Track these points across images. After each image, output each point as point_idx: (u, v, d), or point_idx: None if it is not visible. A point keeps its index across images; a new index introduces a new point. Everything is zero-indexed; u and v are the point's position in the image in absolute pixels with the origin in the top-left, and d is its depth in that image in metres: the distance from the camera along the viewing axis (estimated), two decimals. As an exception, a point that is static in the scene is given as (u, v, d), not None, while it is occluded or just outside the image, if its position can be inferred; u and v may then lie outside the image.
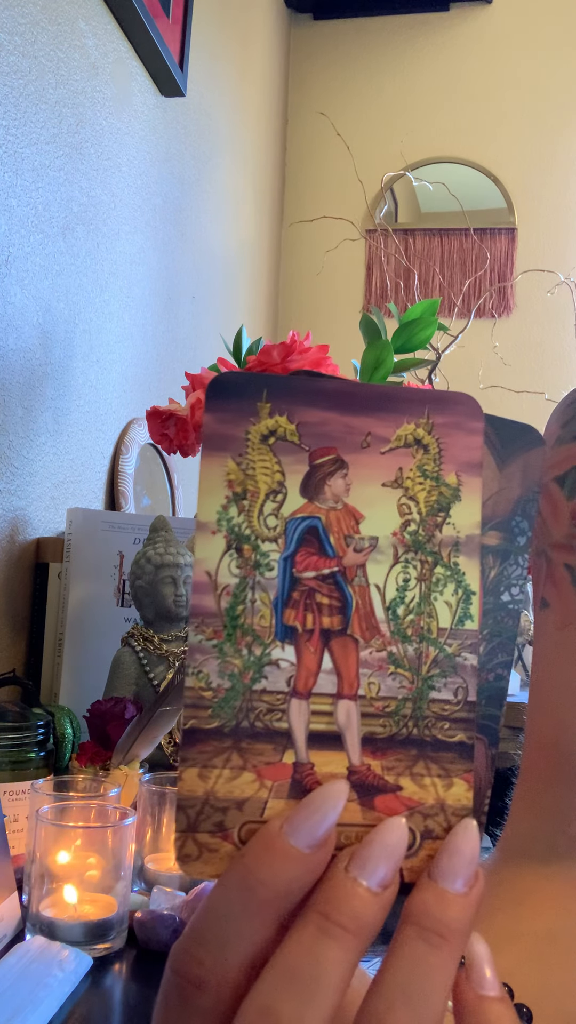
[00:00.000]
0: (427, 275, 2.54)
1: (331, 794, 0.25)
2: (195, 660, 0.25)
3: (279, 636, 0.26)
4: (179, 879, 0.74)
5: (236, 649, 0.26)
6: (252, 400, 0.26)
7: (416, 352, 1.24)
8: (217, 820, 0.25)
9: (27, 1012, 0.54)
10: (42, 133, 1.21)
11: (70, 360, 1.32)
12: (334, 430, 0.26)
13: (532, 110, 2.53)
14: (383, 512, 0.27)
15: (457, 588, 0.27)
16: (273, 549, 0.26)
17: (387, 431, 0.27)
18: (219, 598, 0.26)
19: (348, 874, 0.24)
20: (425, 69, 2.60)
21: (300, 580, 0.26)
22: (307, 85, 2.67)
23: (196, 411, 1.15)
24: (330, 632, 0.26)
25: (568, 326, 2.38)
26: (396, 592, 0.26)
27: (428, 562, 0.27)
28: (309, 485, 0.26)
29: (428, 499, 0.27)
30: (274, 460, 0.26)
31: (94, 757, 0.89)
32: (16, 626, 1.19)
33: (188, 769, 0.25)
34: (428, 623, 0.26)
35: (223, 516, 0.26)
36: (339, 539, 0.26)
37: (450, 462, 0.27)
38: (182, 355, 1.80)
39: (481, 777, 0.27)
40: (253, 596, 0.26)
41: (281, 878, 0.24)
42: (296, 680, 0.26)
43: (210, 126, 1.96)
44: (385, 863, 0.24)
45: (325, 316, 2.56)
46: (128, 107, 1.50)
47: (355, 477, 0.26)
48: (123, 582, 1.18)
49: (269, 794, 0.25)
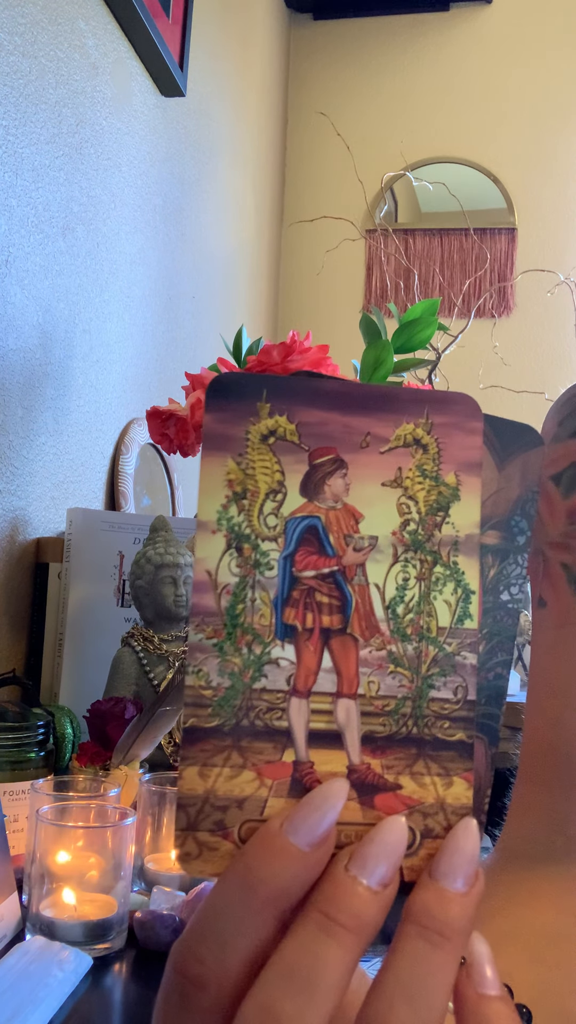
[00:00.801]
0: (427, 275, 2.54)
1: (331, 793, 0.25)
2: (195, 659, 0.25)
3: (279, 635, 0.26)
4: (179, 879, 0.74)
5: (236, 648, 0.26)
6: (252, 400, 0.26)
7: (416, 352, 1.24)
8: (217, 819, 0.25)
9: (27, 1012, 0.54)
10: (42, 133, 1.21)
11: (70, 360, 1.32)
12: (333, 430, 0.27)
13: (532, 110, 2.53)
14: (382, 511, 0.27)
15: (456, 587, 0.27)
16: (273, 548, 0.26)
17: (386, 431, 0.27)
18: (219, 597, 0.26)
19: (348, 872, 0.24)
20: (425, 69, 2.60)
21: (300, 579, 0.26)
22: (307, 85, 2.67)
23: (196, 411, 1.15)
24: (330, 631, 0.26)
25: (568, 326, 2.38)
26: (396, 591, 0.27)
27: (427, 561, 0.27)
28: (309, 485, 0.26)
29: (427, 498, 0.27)
30: (274, 460, 0.26)
31: (94, 757, 0.89)
32: (16, 626, 1.19)
33: (188, 768, 0.25)
34: (428, 622, 0.27)
35: (223, 515, 0.26)
36: (339, 538, 0.26)
37: (449, 462, 0.27)
38: (182, 355, 1.80)
39: (481, 776, 0.27)
40: (253, 595, 0.26)
41: (281, 876, 0.24)
42: (296, 679, 0.26)
43: (210, 126, 1.96)
44: (385, 862, 0.24)
45: (325, 316, 2.56)
46: (128, 107, 1.50)
47: (354, 477, 0.27)
48: (123, 582, 1.18)
49: (269, 793, 0.25)
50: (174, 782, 0.79)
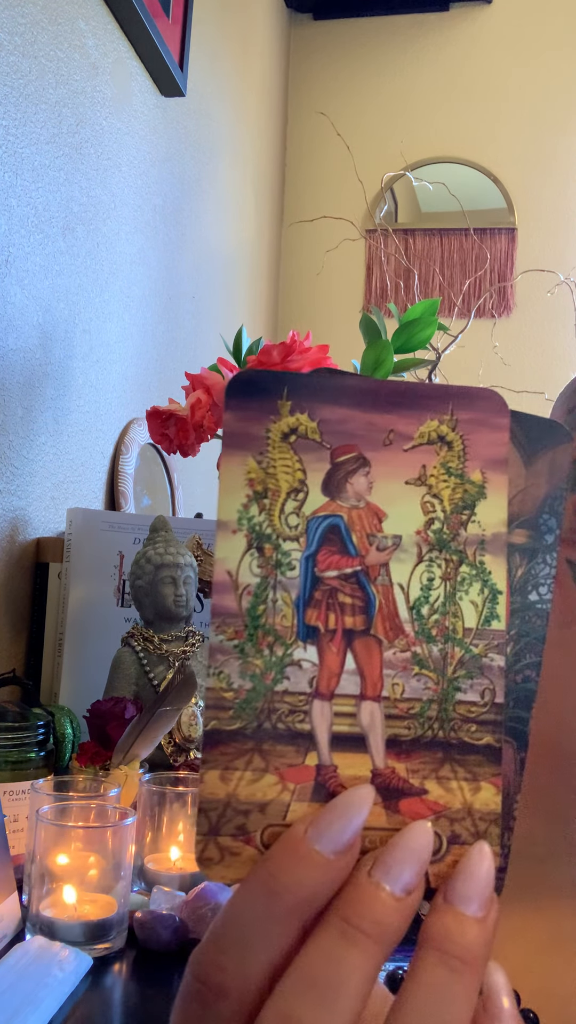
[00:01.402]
0: (427, 275, 2.54)
1: (357, 799, 0.24)
2: (216, 660, 0.25)
3: (301, 636, 0.25)
4: (179, 879, 0.74)
5: (257, 649, 0.25)
6: (273, 398, 0.26)
7: (416, 352, 1.24)
8: (239, 823, 0.25)
9: (27, 1012, 0.54)
10: (42, 133, 1.21)
11: (70, 360, 1.32)
12: (356, 427, 0.26)
13: (532, 110, 2.53)
14: (406, 510, 0.26)
15: (483, 587, 0.26)
16: (295, 548, 0.26)
17: (410, 428, 0.26)
18: (240, 598, 0.25)
19: (371, 879, 0.24)
20: (425, 69, 2.60)
21: (322, 579, 0.26)
22: (307, 85, 2.67)
23: (196, 411, 1.15)
24: (353, 632, 0.26)
25: (568, 326, 2.38)
26: (420, 591, 0.26)
27: (453, 561, 0.26)
28: (331, 483, 0.26)
29: (453, 497, 0.26)
30: (295, 458, 0.26)
31: (94, 757, 0.89)
32: (16, 626, 1.19)
33: (210, 771, 0.25)
34: (453, 623, 0.26)
35: (244, 515, 0.25)
36: (362, 538, 0.26)
37: (475, 459, 0.26)
38: (182, 355, 1.80)
39: (509, 781, 0.26)
40: (275, 596, 0.25)
41: (305, 884, 0.23)
42: (318, 681, 0.25)
43: (210, 126, 1.96)
44: (410, 868, 0.24)
45: (325, 316, 2.56)
46: (128, 107, 1.50)
47: (378, 475, 0.26)
48: (123, 582, 1.18)
49: (292, 797, 0.25)
50: (174, 782, 0.79)
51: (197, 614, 1.15)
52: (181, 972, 0.60)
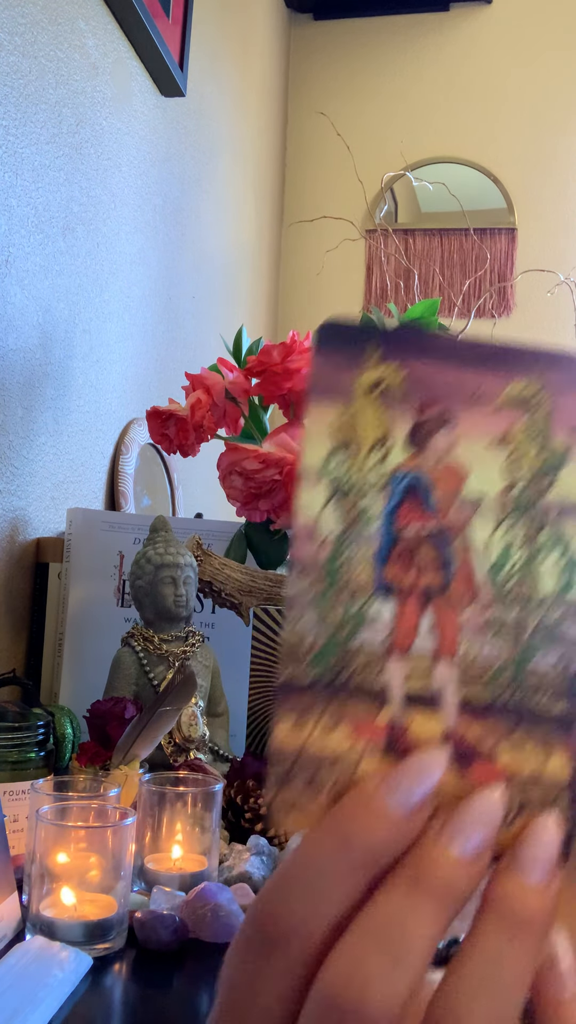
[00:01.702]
0: (427, 275, 2.54)
1: (430, 760, 0.24)
2: (292, 612, 0.24)
3: (378, 591, 0.25)
4: (179, 879, 0.74)
5: (334, 602, 0.25)
6: (361, 348, 0.25)
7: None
8: (309, 775, 0.24)
9: (27, 1012, 0.54)
10: (42, 133, 1.21)
11: (70, 360, 1.32)
12: (442, 384, 0.25)
13: (532, 110, 2.53)
14: (488, 472, 0.25)
15: (562, 555, 0.25)
16: (376, 502, 0.25)
17: (497, 388, 0.25)
18: (319, 548, 0.25)
19: (440, 840, 0.24)
20: (425, 69, 2.60)
21: (401, 536, 0.25)
22: (307, 85, 2.67)
23: (196, 411, 1.15)
24: (430, 591, 0.25)
25: (568, 326, 2.38)
26: (498, 555, 0.25)
27: (533, 526, 0.25)
28: (414, 439, 0.25)
29: (535, 461, 0.25)
30: (380, 411, 0.25)
31: (94, 757, 0.89)
32: (16, 626, 1.19)
33: (283, 722, 0.24)
34: (531, 589, 0.25)
35: (326, 465, 0.25)
36: (443, 497, 0.25)
37: (561, 423, 0.25)
38: (182, 355, 1.80)
39: None
40: (354, 549, 0.25)
41: (375, 839, 0.23)
42: (394, 638, 0.25)
43: (210, 126, 1.96)
44: (480, 832, 0.24)
45: (325, 316, 2.55)
46: (128, 107, 1.50)
47: (461, 434, 0.25)
48: (123, 582, 1.18)
49: (362, 752, 0.25)
50: (174, 782, 0.79)
51: (197, 614, 1.15)
52: (181, 972, 0.61)
